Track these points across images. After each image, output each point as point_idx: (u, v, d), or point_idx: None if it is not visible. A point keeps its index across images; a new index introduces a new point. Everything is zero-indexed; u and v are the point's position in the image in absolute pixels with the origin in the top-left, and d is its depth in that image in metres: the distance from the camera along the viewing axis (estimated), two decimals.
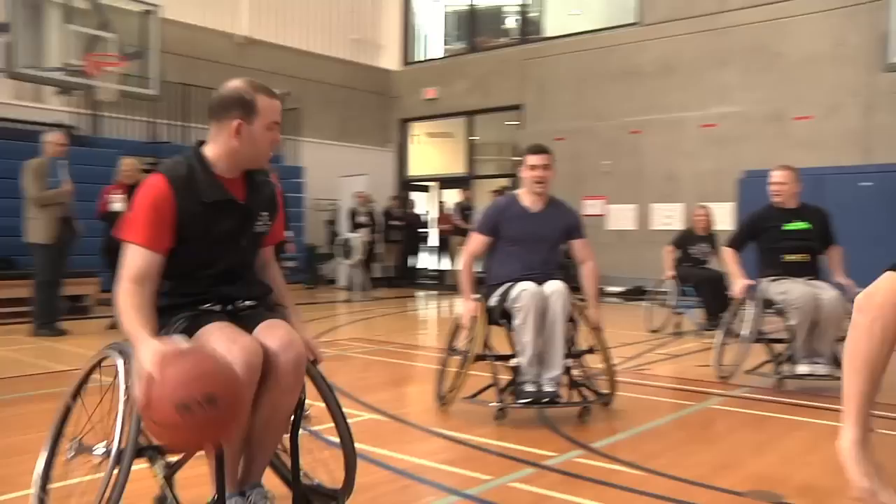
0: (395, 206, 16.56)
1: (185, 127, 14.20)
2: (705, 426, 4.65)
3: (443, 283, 16.43)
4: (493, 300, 4.64)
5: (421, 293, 15.00)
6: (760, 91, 13.50)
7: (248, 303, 2.65)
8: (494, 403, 4.45)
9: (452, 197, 17.39)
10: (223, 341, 2.39)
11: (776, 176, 5.84)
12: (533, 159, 4.70)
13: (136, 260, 2.45)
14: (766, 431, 4.43)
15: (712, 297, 8.44)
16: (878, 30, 10.65)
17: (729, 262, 5.83)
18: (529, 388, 4.39)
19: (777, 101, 13.32)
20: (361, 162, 16.47)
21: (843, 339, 4.88)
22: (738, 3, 13.72)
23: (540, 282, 4.49)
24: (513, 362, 4.48)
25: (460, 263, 4.89)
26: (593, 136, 15.37)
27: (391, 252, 16.33)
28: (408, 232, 16.49)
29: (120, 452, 2.26)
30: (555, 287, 4.46)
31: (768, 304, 5.58)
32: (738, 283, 5.67)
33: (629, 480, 3.43)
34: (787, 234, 5.63)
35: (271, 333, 2.52)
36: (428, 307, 13.16)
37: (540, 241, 4.70)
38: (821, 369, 5.29)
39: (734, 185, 13.12)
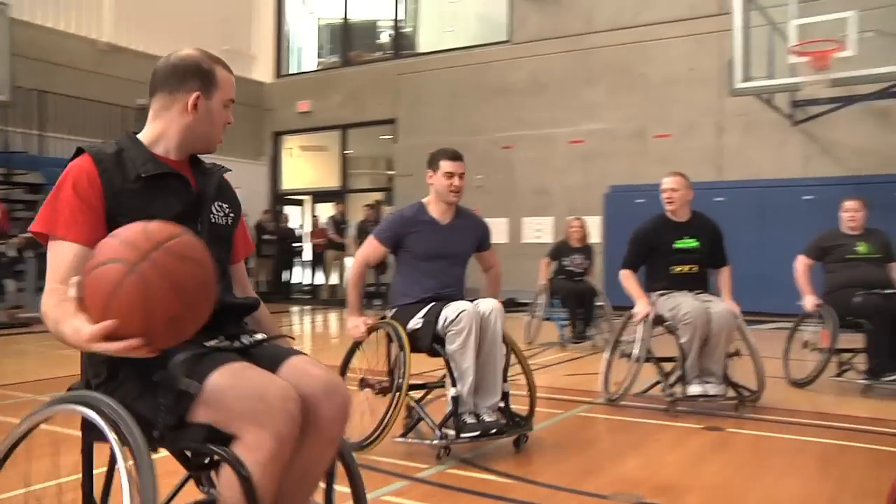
0: (268, 220, 16.26)
1: (42, 136, 13.44)
2: (573, 433, 4.78)
3: (317, 298, 16.24)
4: (417, 322, 4.11)
5: (295, 308, 14.74)
6: (625, 109, 14.15)
7: (257, 336, 2.18)
8: (436, 441, 3.92)
9: (326, 211, 17.24)
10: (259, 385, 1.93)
11: (668, 182, 5.63)
12: (450, 166, 4.26)
13: (64, 259, 1.99)
14: (631, 435, 4.62)
15: (578, 310, 8.68)
16: (725, 57, 11.38)
17: (628, 286, 5.44)
18: (470, 419, 3.95)
19: (640, 119, 14.00)
20: (234, 175, 16.01)
21: (733, 355, 5.13)
22: (603, 25, 14.35)
23: (457, 299, 4.11)
24: (452, 392, 3.97)
25: (351, 272, 4.40)
26: (466, 150, 15.31)
27: (264, 267, 16.02)
28: (281, 246, 16.23)
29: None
30: (492, 306, 4.05)
31: (658, 320, 5.29)
32: (640, 304, 5.29)
33: (500, 489, 3.47)
34: (677, 251, 5.43)
35: (307, 374, 2.07)
36: (303, 322, 12.95)
37: (454, 256, 4.33)
38: (712, 389, 5.04)
39: (601, 200, 13.65)
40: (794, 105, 12.28)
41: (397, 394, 3.94)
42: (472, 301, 4.07)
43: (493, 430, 3.95)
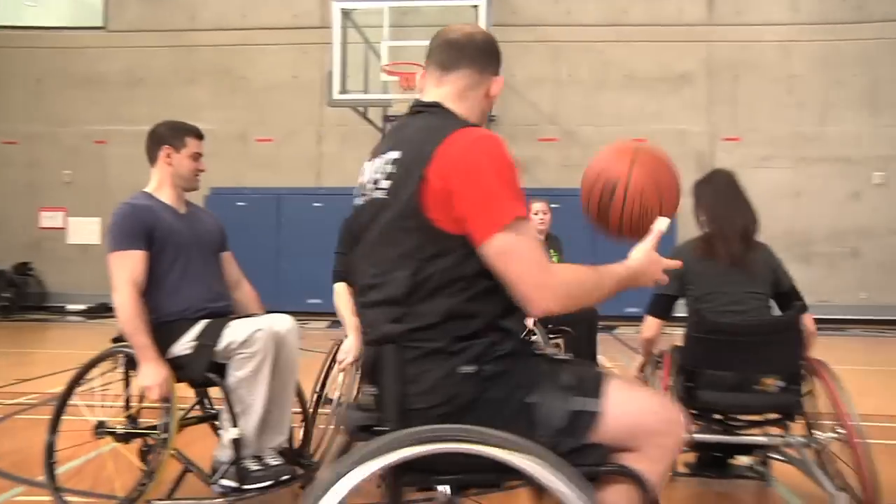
0: None
1: None
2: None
3: None
4: (186, 347, 3.22)
5: None
6: (227, 111, 14.01)
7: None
8: (218, 501, 3.11)
9: None
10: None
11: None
12: (198, 145, 3.56)
13: None
14: None
15: None
16: (326, 68, 11.92)
17: None
18: (254, 465, 3.14)
19: (242, 122, 13.98)
20: None
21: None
22: (207, 23, 14.06)
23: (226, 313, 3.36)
24: (232, 432, 3.11)
25: (125, 306, 3.16)
26: (53, 142, 14.18)
27: None
28: None
29: None
30: (289, 324, 3.30)
31: None
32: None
33: None
34: None
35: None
36: None
37: (205, 251, 3.49)
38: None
39: (202, 201, 13.34)
40: (386, 119, 13.30)
41: (161, 447, 3.04)
42: (258, 316, 3.36)
43: (286, 477, 3.19)
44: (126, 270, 3.20)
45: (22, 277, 14.15)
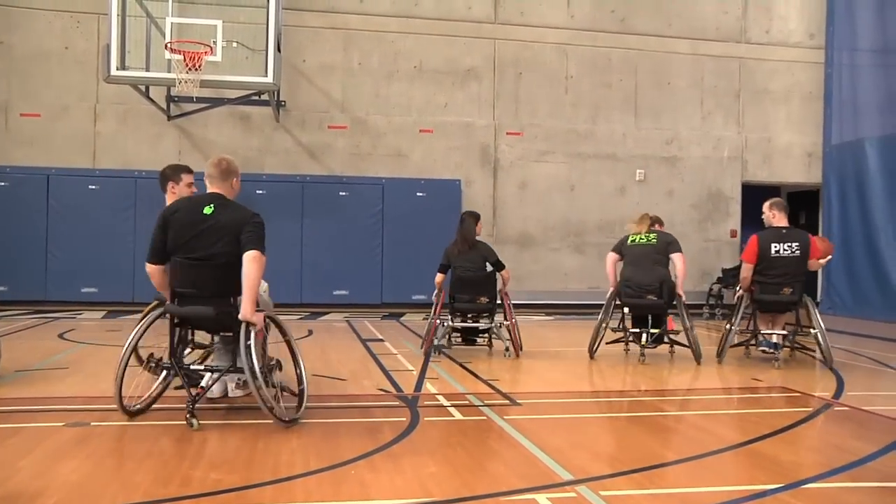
0: None
1: None
2: None
3: None
4: None
5: None
6: None
7: None
8: None
9: None
10: None
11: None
12: (190, 177, 4.98)
13: None
14: None
15: None
16: (102, 40, 11.13)
17: None
18: None
19: (2, 93, 12.71)
20: None
21: None
22: None
23: None
24: None
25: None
26: None
27: None
28: None
29: None
30: None
31: None
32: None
33: None
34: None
35: None
36: None
37: None
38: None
39: None
40: (170, 100, 12.67)
41: None
42: None
43: None
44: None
45: None
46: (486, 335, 8.27)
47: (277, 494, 3.38)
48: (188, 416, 4.49)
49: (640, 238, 7.81)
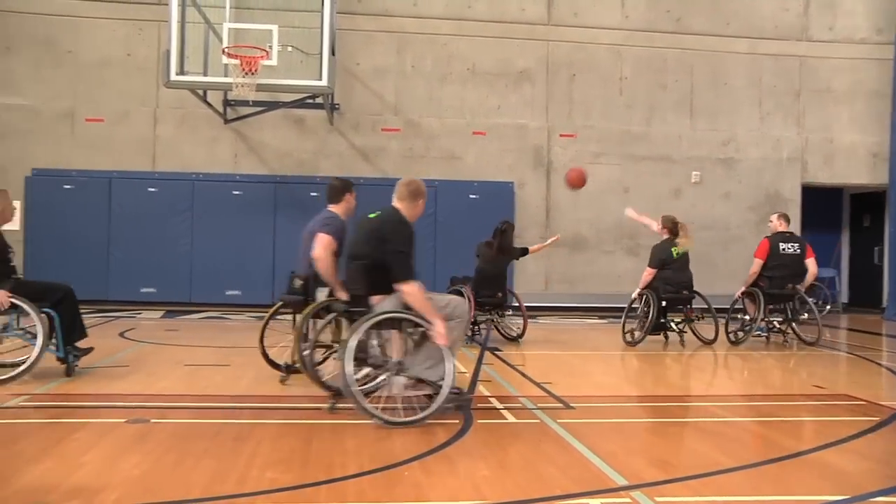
0: None
1: None
2: None
3: None
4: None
5: None
6: (51, 86, 13.08)
7: None
8: None
9: None
10: None
11: None
12: (353, 196, 5.77)
13: None
14: (46, 438, 4.32)
15: None
16: (164, 47, 11.39)
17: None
18: None
19: (68, 99, 13.11)
20: None
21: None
22: None
23: None
24: None
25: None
26: None
27: None
28: None
29: None
30: None
31: None
32: None
33: None
34: None
35: None
36: None
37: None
38: None
39: (22, 184, 12.42)
40: (227, 104, 12.90)
41: None
42: None
43: None
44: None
45: None
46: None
47: (331, 495, 3.40)
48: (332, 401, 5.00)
49: (682, 251, 9.14)
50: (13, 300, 5.76)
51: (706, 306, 9.08)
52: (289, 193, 13.10)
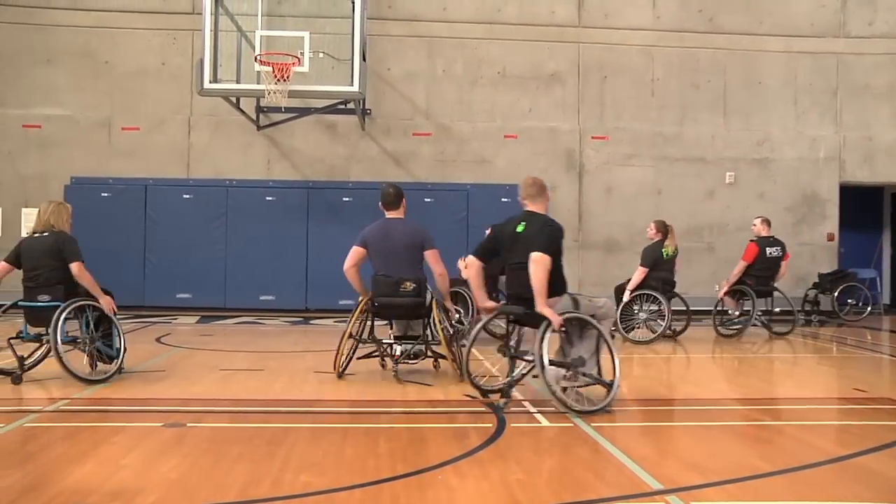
0: None
1: None
2: (16, 448, 4.36)
3: None
4: None
5: None
6: (89, 96, 13.33)
7: None
8: None
9: None
10: None
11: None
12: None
13: None
14: (85, 442, 4.39)
15: None
16: (197, 55, 11.53)
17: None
18: None
19: (105, 108, 13.33)
20: None
21: None
22: (62, 2, 13.29)
23: None
24: None
25: None
26: None
27: None
28: None
29: None
30: None
31: None
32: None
33: None
34: None
35: None
36: None
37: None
38: None
39: (62, 191, 12.64)
40: (259, 111, 13.03)
41: None
42: None
43: None
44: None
45: None
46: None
47: (365, 498, 3.41)
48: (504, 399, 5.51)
49: (671, 251, 9.78)
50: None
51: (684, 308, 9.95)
52: (321, 199, 13.19)
